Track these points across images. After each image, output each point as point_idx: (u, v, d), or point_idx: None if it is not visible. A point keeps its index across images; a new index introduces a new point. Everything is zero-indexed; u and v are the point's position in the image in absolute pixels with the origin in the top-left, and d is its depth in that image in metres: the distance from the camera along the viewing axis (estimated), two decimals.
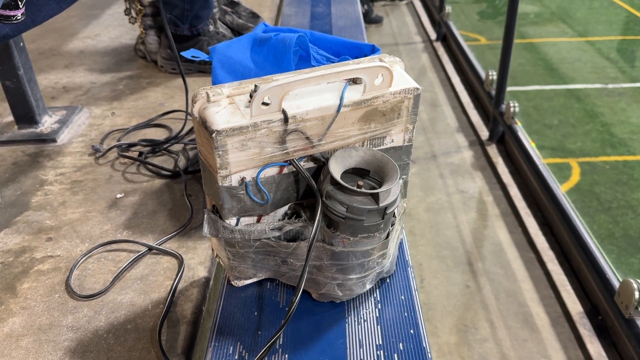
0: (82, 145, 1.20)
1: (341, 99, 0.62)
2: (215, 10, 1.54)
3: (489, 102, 2.41)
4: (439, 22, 3.40)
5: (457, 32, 3.14)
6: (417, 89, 0.66)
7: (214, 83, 0.88)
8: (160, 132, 1.24)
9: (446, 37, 3.30)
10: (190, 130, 1.21)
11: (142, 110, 1.34)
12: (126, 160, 1.13)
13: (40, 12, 0.88)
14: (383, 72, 0.63)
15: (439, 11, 3.40)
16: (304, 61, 0.86)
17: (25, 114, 1.23)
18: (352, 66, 0.62)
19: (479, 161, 2.23)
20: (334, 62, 0.88)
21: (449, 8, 3.28)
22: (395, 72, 0.68)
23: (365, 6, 3.60)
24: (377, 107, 0.65)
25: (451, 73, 2.97)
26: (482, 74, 2.63)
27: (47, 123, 1.26)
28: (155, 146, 1.15)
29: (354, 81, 0.65)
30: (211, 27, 1.53)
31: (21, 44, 1.17)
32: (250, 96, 0.61)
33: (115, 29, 1.89)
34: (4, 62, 1.15)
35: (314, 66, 0.84)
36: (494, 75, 2.42)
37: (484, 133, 2.41)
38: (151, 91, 1.44)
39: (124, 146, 1.17)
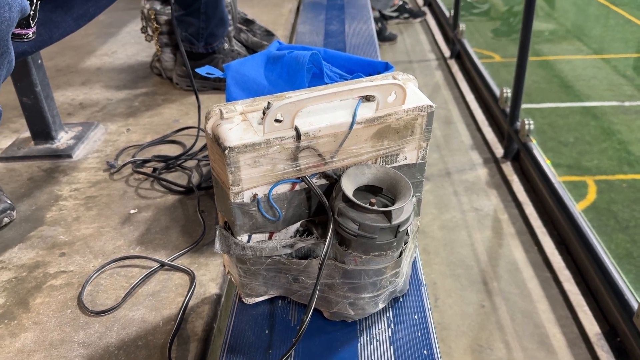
0: (97, 161, 1.21)
1: (354, 116, 0.62)
2: (230, 28, 1.56)
3: (504, 120, 2.39)
4: (453, 40, 3.41)
5: (471, 50, 3.14)
6: (431, 106, 0.66)
7: (228, 100, 0.89)
8: (174, 148, 1.25)
9: (460, 55, 3.30)
10: (204, 147, 1.22)
11: (157, 126, 1.35)
12: (140, 176, 1.14)
13: (58, 29, 0.90)
14: (396, 90, 0.63)
15: (453, 29, 3.40)
16: (317, 78, 0.86)
17: (41, 130, 1.24)
18: (365, 83, 0.62)
19: (494, 179, 2.22)
20: (347, 80, 0.88)
21: (463, 26, 3.28)
22: (409, 89, 0.67)
23: (379, 24, 3.62)
24: (390, 125, 0.64)
25: (465, 90, 2.96)
26: (497, 92, 2.61)
27: (63, 139, 1.27)
28: (169, 162, 1.16)
29: (367, 98, 0.65)
30: (226, 45, 1.55)
31: (39, 61, 1.19)
32: (263, 113, 0.61)
33: (132, 46, 1.92)
34: (22, 79, 1.17)
35: (327, 83, 0.84)
36: (508, 92, 2.40)
37: (499, 150, 2.39)
38: (166, 108, 1.45)
39: (138, 162, 1.17)
